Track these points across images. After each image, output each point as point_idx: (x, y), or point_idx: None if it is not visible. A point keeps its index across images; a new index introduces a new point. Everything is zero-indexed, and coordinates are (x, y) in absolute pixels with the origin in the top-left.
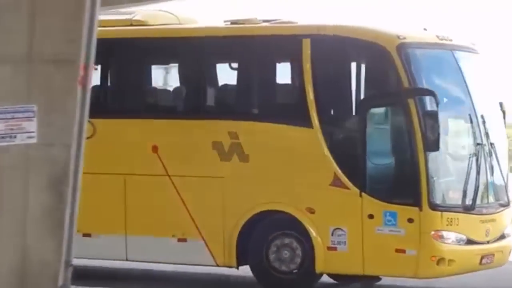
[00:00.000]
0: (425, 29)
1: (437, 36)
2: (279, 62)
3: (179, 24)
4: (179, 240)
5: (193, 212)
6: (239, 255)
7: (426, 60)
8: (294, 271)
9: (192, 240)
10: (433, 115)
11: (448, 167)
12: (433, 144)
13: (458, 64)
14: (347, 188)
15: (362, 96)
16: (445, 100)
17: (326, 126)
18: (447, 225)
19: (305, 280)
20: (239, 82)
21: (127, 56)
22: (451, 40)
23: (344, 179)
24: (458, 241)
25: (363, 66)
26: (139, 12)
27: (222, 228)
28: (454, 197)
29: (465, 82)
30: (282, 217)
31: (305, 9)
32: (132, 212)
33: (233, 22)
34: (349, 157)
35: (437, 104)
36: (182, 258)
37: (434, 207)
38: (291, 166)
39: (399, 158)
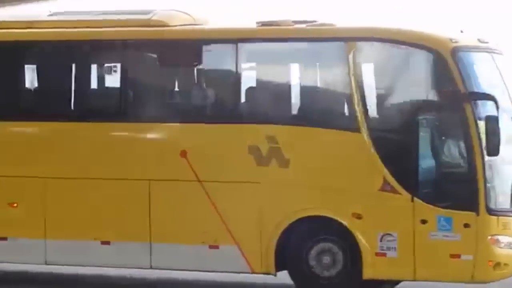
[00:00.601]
0: (462, 31)
1: (478, 39)
2: (324, 65)
3: (195, 24)
4: (211, 247)
5: (226, 218)
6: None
7: (476, 63)
8: (335, 277)
9: (225, 247)
10: (494, 120)
11: (502, 171)
12: (494, 149)
13: (497, 66)
14: (398, 193)
15: (413, 100)
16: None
17: (374, 130)
18: (502, 229)
19: (347, 286)
20: (280, 85)
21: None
22: (487, 43)
23: (395, 184)
24: (510, 245)
25: (414, 70)
26: (157, 12)
27: (258, 234)
28: (507, 201)
29: (504, 83)
30: (324, 222)
31: (311, 9)
32: (157, 218)
33: (265, 24)
34: (400, 162)
35: (498, 108)
36: (213, 265)
37: (491, 211)
38: (336, 171)
39: (453, 163)
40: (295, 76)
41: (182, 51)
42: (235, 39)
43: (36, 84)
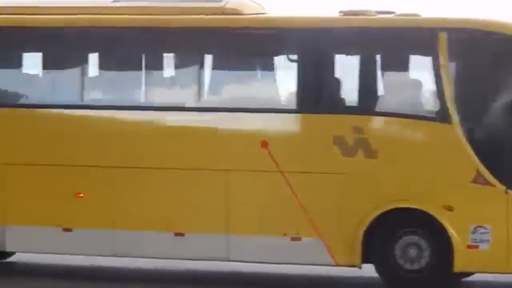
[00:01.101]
0: None
1: None
2: (415, 55)
3: (265, 13)
4: (293, 239)
5: (309, 210)
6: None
7: None
8: (422, 269)
9: (308, 239)
10: None
11: None
12: None
13: None
14: (491, 185)
15: (508, 91)
16: None
17: (466, 122)
18: None
19: (435, 279)
20: (368, 75)
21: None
22: None
23: (488, 176)
24: None
25: (510, 61)
26: (228, 1)
27: (343, 226)
28: None
29: None
30: (412, 214)
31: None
32: (235, 209)
33: (347, 14)
34: (494, 153)
35: None
36: (295, 258)
37: None
38: (426, 163)
39: None
40: (383, 66)
41: (264, 39)
42: (325, 28)
43: (103, 73)
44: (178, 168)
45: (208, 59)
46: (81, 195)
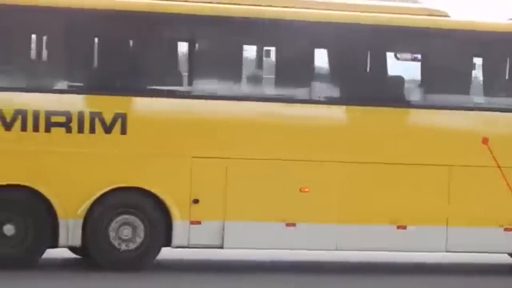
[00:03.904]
0: None
1: None
2: None
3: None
4: (506, 229)
5: None
6: None
7: None
8: None
9: None
10: None
11: None
12: None
13: None
14: None
15: None
16: None
17: None
18: None
19: None
20: None
21: None
22: None
23: None
24: None
25: None
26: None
27: None
28: None
29: None
30: None
31: None
32: (455, 203)
33: None
34: None
35: None
36: (507, 247)
37: None
38: None
39: None
40: None
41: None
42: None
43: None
44: (400, 164)
45: (421, 58)
46: (307, 189)
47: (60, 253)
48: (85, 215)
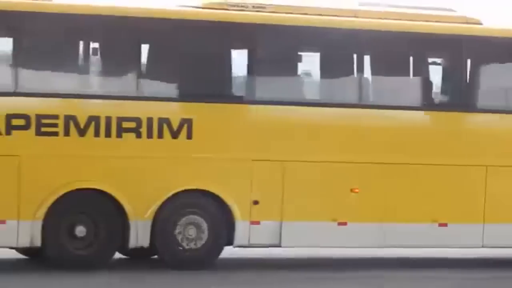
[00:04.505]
0: None
1: None
2: None
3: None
4: None
5: None
6: None
7: None
8: None
9: None
10: None
11: None
12: None
13: None
14: None
15: None
16: None
17: None
18: None
19: None
20: None
21: None
22: None
23: None
24: None
25: None
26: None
27: None
28: None
29: None
30: None
31: None
32: (491, 201)
33: None
34: None
35: None
36: None
37: None
38: None
39: None
40: None
41: None
42: None
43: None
44: (442, 165)
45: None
46: (357, 190)
47: None
48: (154, 216)
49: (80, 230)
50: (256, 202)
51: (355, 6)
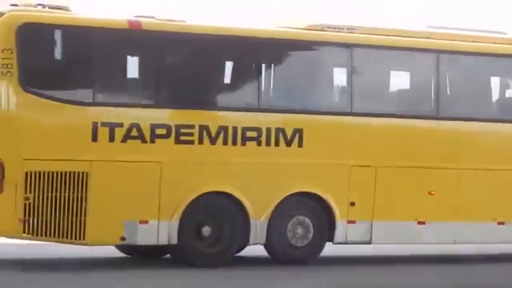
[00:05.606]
0: None
1: None
2: None
3: None
4: None
5: None
6: None
7: None
8: None
9: None
10: None
11: None
12: None
13: None
14: None
15: None
16: None
17: None
18: None
19: None
20: None
21: None
22: None
23: None
24: None
25: None
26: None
27: None
28: None
29: None
30: None
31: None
32: None
33: None
34: None
35: None
36: None
37: None
38: None
39: None
40: None
41: None
42: None
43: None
44: (503, 170)
45: None
46: (434, 193)
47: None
48: (269, 216)
49: (206, 230)
50: (352, 204)
51: (424, 28)
